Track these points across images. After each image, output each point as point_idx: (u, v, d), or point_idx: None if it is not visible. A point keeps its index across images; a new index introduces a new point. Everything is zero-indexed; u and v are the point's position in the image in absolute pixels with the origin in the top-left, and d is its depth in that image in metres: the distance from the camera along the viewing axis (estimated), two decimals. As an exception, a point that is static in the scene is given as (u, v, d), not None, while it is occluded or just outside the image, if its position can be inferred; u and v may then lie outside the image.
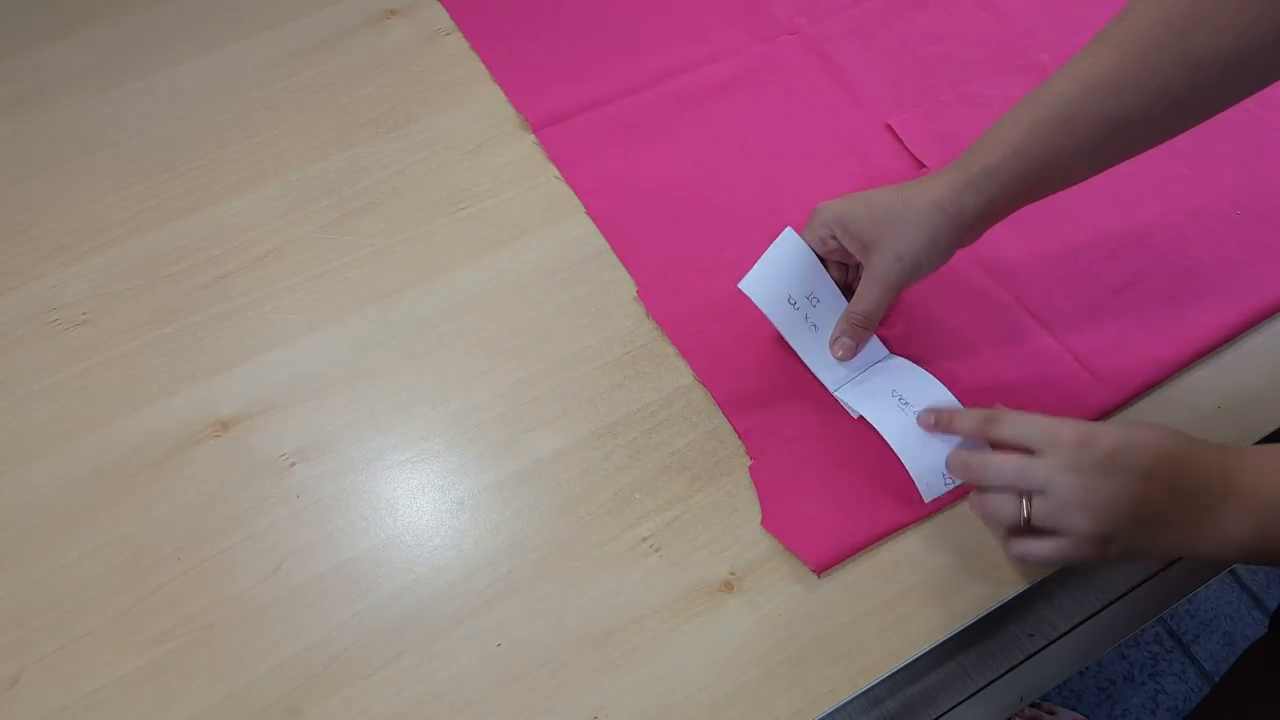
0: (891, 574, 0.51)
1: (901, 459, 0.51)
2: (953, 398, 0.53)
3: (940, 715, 0.50)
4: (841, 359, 0.55)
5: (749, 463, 0.54)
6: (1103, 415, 0.55)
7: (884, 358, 0.56)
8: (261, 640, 0.49)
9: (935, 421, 0.50)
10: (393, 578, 0.51)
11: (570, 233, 0.63)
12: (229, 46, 0.72)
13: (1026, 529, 0.45)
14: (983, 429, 0.48)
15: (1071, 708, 1.09)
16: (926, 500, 0.51)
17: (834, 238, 0.52)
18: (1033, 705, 1.07)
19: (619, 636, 0.49)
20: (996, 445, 0.47)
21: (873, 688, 0.49)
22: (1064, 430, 0.44)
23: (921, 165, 0.65)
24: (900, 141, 0.67)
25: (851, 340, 0.54)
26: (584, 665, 0.49)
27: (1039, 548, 0.45)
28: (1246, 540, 0.42)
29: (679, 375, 0.57)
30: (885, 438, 0.51)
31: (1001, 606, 0.51)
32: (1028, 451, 0.45)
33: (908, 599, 0.50)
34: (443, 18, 0.75)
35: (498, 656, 0.49)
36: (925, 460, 0.51)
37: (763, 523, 0.52)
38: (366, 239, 0.63)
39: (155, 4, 0.74)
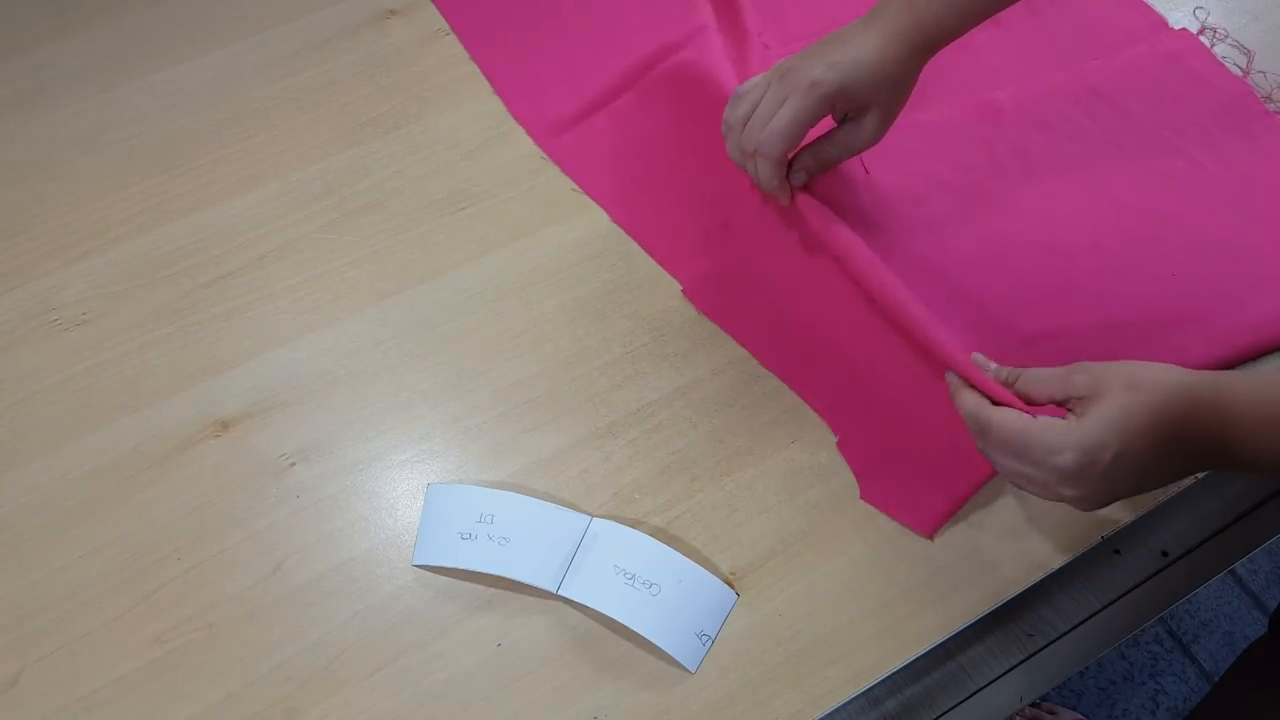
0: (891, 574, 0.51)
1: (653, 640, 0.48)
2: (674, 554, 0.50)
3: (940, 715, 0.50)
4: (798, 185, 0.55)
5: (834, 439, 0.55)
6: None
7: (585, 527, 0.51)
8: (261, 640, 0.50)
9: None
10: (393, 578, 0.51)
11: (570, 233, 0.63)
12: (229, 46, 0.72)
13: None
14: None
15: (1071, 708, 1.09)
16: (691, 669, 0.48)
17: (830, 109, 0.51)
18: (1033, 705, 1.07)
19: (619, 636, 0.49)
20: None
21: (873, 688, 0.49)
22: (1061, 458, 0.43)
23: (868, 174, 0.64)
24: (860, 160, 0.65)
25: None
26: (584, 665, 0.49)
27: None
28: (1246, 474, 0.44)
29: (679, 375, 0.57)
30: (629, 625, 0.48)
31: (1001, 606, 0.51)
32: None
33: (908, 599, 0.50)
34: (442, 18, 0.75)
35: (498, 656, 0.49)
36: (676, 631, 0.48)
37: (861, 495, 0.52)
38: (366, 239, 0.63)
39: (155, 4, 0.74)
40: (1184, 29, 0.73)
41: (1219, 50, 0.71)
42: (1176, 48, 0.72)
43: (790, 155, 0.54)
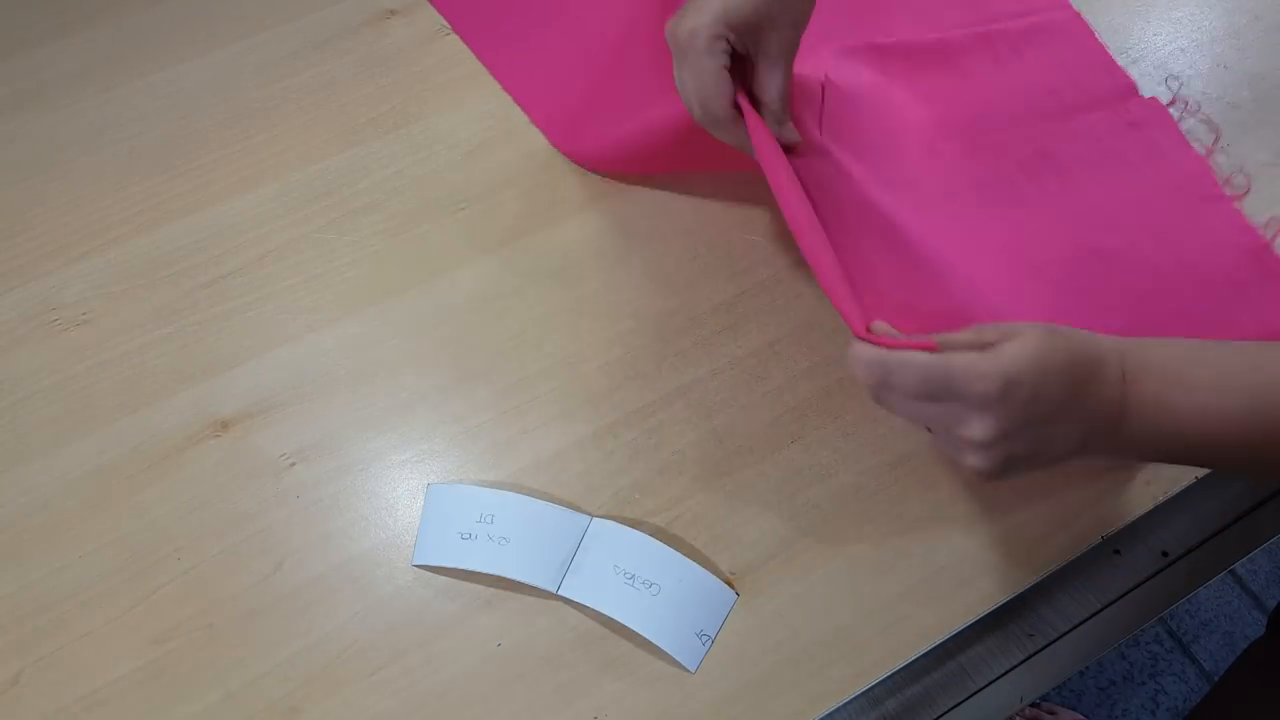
0: (891, 574, 0.51)
1: (653, 640, 0.48)
2: (674, 554, 0.50)
3: (940, 715, 0.50)
4: (798, 140, 0.51)
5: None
6: None
7: (585, 527, 0.51)
8: (261, 640, 0.50)
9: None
10: (393, 578, 0.51)
11: (570, 233, 0.63)
12: (229, 46, 0.72)
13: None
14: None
15: (1071, 708, 1.09)
16: (691, 669, 0.49)
17: (728, 46, 0.48)
18: (1033, 705, 1.07)
19: (619, 636, 0.50)
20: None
21: (873, 688, 0.49)
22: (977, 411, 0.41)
23: None
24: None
25: (788, 124, 0.51)
26: (584, 665, 0.49)
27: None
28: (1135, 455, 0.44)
29: (679, 375, 0.57)
30: (629, 625, 0.48)
31: (1001, 606, 0.51)
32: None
33: (908, 599, 0.51)
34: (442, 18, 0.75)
35: (498, 656, 0.49)
36: (676, 631, 0.49)
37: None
38: (366, 239, 0.63)
39: (155, 4, 0.74)
40: (1153, 98, 0.68)
41: (1186, 125, 0.67)
42: (1140, 117, 0.68)
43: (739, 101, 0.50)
